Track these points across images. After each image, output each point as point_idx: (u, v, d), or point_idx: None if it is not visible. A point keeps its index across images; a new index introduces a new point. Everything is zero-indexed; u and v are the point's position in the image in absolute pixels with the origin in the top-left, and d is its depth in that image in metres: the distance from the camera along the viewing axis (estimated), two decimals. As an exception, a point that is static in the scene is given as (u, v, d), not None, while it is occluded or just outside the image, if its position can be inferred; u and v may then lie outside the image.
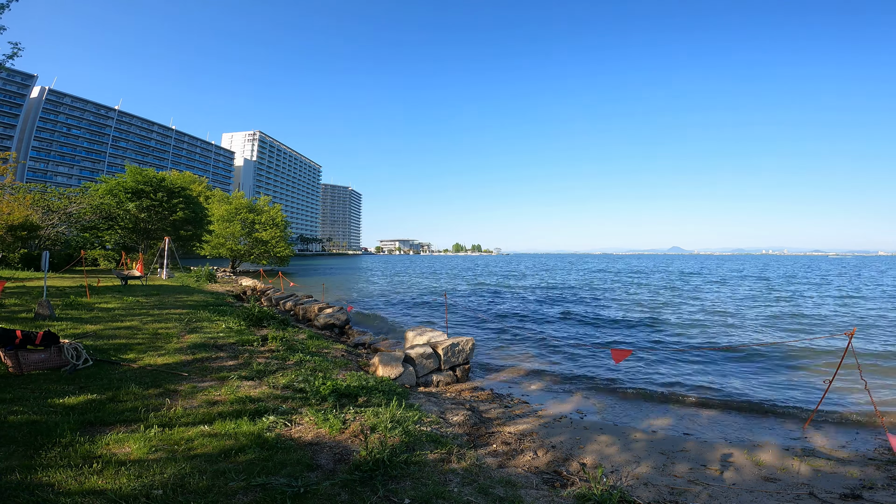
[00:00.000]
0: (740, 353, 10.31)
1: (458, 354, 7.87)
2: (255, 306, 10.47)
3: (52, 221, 24.97)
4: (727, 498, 3.88)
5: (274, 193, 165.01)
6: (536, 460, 4.29)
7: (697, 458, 4.86)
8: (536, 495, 3.19)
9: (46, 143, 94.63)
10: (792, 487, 4.15)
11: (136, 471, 2.89)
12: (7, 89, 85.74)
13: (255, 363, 6.11)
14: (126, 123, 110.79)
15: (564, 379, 8.40)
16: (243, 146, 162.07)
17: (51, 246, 25.12)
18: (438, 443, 3.90)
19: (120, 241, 30.51)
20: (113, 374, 5.08)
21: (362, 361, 7.77)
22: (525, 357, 10.16)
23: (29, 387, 4.50)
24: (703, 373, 8.77)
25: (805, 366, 9.30)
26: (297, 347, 7.49)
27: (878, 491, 4.04)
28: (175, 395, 4.58)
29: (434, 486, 3.06)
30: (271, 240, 42.76)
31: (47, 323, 7.65)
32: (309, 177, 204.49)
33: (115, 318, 8.75)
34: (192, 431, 3.60)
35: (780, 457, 4.96)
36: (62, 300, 10.22)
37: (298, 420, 4.13)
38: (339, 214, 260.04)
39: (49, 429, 3.43)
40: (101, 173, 58.90)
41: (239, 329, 8.45)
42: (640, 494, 3.74)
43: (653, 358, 9.86)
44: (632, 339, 12.56)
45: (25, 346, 5.15)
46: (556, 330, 14.24)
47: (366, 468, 3.13)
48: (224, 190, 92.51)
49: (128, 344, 6.65)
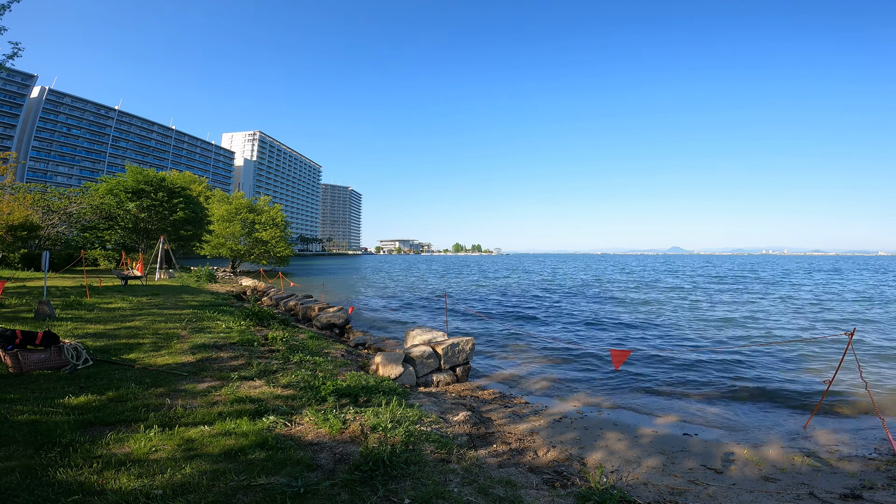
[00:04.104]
0: (741, 352, 10.30)
1: (459, 354, 7.87)
2: (256, 306, 10.48)
3: (52, 221, 24.99)
4: (727, 498, 3.88)
5: (274, 193, 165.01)
6: (536, 460, 4.29)
7: (698, 457, 4.87)
8: (537, 495, 3.19)
9: (46, 143, 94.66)
10: (792, 487, 4.15)
11: (136, 471, 2.89)
12: (7, 89, 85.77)
13: (255, 363, 6.11)
14: (126, 123, 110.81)
15: (565, 379, 8.40)
16: (243, 146, 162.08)
17: (51, 246, 25.16)
18: (439, 443, 3.90)
19: (120, 241, 30.50)
20: (113, 375, 5.08)
21: (362, 361, 7.77)
22: (525, 357, 10.16)
23: (29, 387, 4.50)
24: (703, 373, 8.77)
25: (805, 366, 9.31)
26: (297, 347, 7.49)
27: (878, 491, 4.04)
28: (175, 395, 4.58)
29: (434, 486, 3.06)
30: (271, 240, 42.77)
31: (48, 323, 7.66)
32: (309, 177, 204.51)
33: (116, 319, 8.76)
34: (193, 432, 3.60)
35: (780, 457, 4.96)
36: (63, 300, 10.22)
37: (299, 420, 4.13)
38: (339, 214, 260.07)
39: (49, 429, 3.43)
40: (101, 173, 58.93)
41: (239, 329, 8.45)
42: (640, 494, 3.74)
43: (653, 358, 9.85)
44: (632, 340, 12.56)
45: (26, 346, 5.15)
46: (557, 330, 14.24)
47: (366, 468, 3.13)
48: (224, 190, 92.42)
49: (128, 344, 6.65)
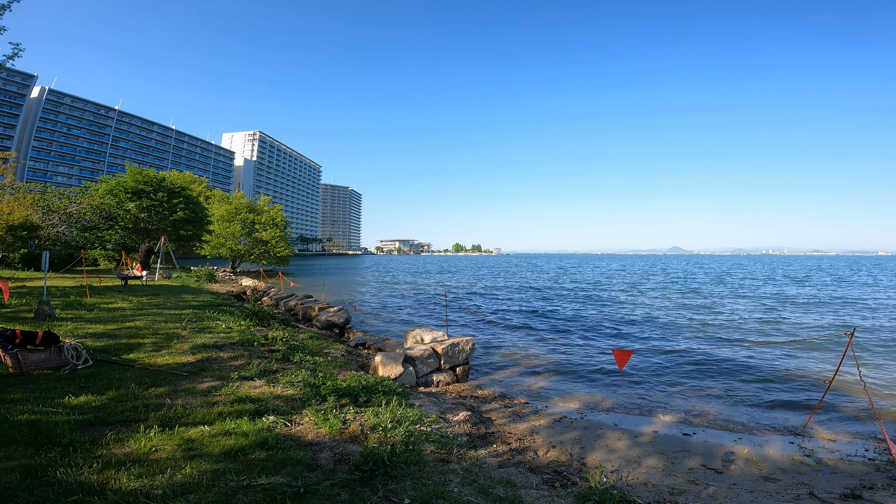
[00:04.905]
0: (741, 352, 10.30)
1: (459, 354, 7.87)
2: (256, 306, 10.48)
3: (52, 221, 24.98)
4: (727, 498, 3.88)
5: (274, 193, 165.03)
6: (537, 460, 4.29)
7: (698, 457, 4.87)
8: (536, 495, 3.19)
9: (46, 143, 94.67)
10: (792, 487, 4.15)
11: (136, 471, 2.89)
12: (7, 89, 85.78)
13: (255, 363, 6.11)
14: (126, 123, 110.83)
15: (565, 378, 8.41)
16: (243, 146, 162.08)
17: (51, 246, 25.15)
18: (439, 443, 3.90)
19: (120, 241, 30.51)
20: (113, 375, 5.08)
21: (363, 361, 7.77)
22: (525, 357, 10.16)
23: (29, 387, 4.50)
24: (703, 373, 8.77)
25: (805, 366, 9.30)
26: (297, 347, 7.48)
27: (878, 491, 4.04)
28: (175, 395, 4.58)
29: (434, 486, 3.06)
30: (271, 240, 42.77)
31: (48, 323, 7.66)
32: (309, 177, 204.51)
33: (116, 319, 8.75)
34: (193, 432, 3.60)
35: (779, 457, 4.96)
36: (63, 300, 10.22)
37: (299, 420, 4.13)
38: (339, 214, 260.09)
39: (49, 429, 3.42)
40: (101, 173, 58.97)
41: (239, 329, 8.45)
42: (640, 494, 3.74)
43: (654, 358, 9.86)
44: (634, 340, 12.56)
45: (26, 346, 5.15)
46: (557, 330, 14.24)
47: (366, 468, 3.13)
48: (224, 190, 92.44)
49: (128, 344, 6.65)
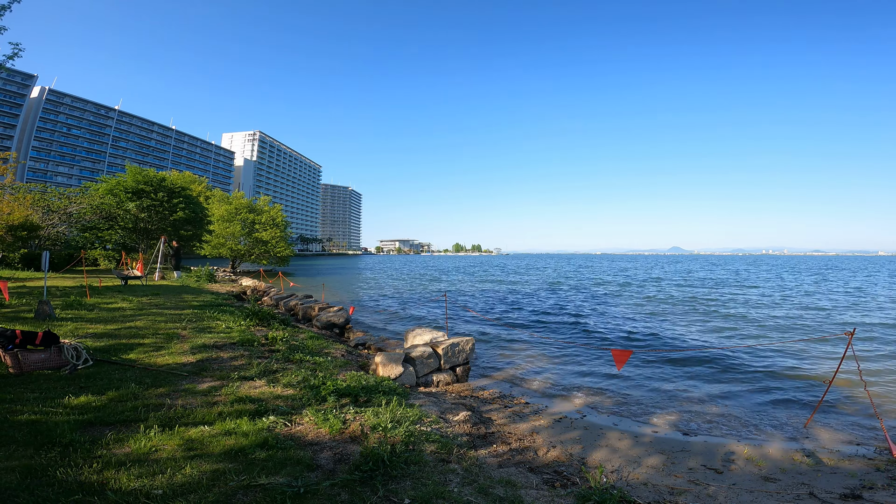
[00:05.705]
0: (741, 352, 10.30)
1: (459, 354, 7.87)
2: (256, 306, 10.48)
3: (52, 221, 24.98)
4: (727, 498, 3.88)
5: (274, 193, 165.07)
6: (537, 460, 4.29)
7: (698, 457, 4.87)
8: (536, 495, 3.19)
9: (46, 143, 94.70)
10: (792, 487, 4.15)
11: (136, 471, 2.89)
12: (7, 89, 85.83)
13: (255, 363, 6.11)
14: (126, 123, 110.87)
15: (566, 378, 8.40)
16: (243, 146, 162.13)
17: (51, 246, 25.15)
18: (439, 443, 3.90)
19: (120, 241, 30.51)
20: (113, 375, 5.08)
21: (363, 361, 7.77)
22: (525, 357, 10.16)
23: (29, 387, 4.50)
24: (703, 372, 8.77)
25: (806, 365, 9.30)
26: (298, 347, 7.48)
27: (878, 491, 4.04)
28: (175, 394, 4.58)
29: (434, 486, 3.06)
30: (271, 240, 42.76)
31: (48, 323, 7.66)
32: (309, 177, 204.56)
33: (116, 319, 8.75)
34: (193, 432, 3.60)
35: (780, 456, 4.96)
36: (63, 300, 10.22)
37: (299, 420, 4.13)
38: (339, 214, 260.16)
39: (49, 429, 3.42)
40: (101, 173, 58.84)
41: (240, 329, 8.45)
42: (640, 494, 3.74)
43: (654, 358, 9.85)
44: (634, 340, 12.55)
45: (25, 346, 5.15)
46: (557, 330, 14.24)
47: (366, 468, 3.13)
48: (224, 190, 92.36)
49: (128, 344, 6.65)
